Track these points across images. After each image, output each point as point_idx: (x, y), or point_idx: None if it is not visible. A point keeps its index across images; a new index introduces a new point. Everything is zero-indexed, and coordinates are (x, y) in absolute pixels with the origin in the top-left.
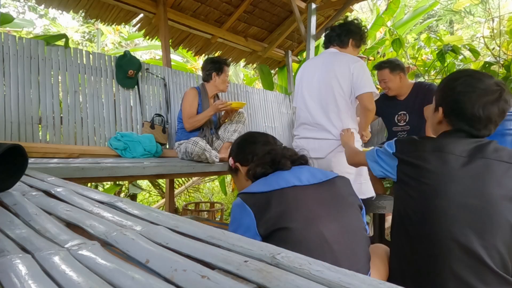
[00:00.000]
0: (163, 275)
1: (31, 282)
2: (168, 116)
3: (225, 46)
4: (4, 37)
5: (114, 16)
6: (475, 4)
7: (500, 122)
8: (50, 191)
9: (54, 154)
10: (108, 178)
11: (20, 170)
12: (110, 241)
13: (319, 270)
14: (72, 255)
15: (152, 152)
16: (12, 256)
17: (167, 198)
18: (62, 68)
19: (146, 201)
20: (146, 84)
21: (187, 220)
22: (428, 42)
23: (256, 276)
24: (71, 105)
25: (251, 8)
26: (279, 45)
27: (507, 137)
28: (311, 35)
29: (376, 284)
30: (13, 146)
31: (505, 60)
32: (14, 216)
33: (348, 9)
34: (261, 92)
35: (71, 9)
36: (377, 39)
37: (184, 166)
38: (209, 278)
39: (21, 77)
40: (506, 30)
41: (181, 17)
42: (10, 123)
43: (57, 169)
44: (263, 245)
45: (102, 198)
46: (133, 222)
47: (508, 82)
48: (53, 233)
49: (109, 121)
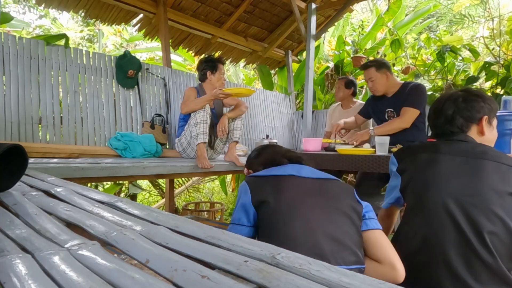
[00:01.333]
0: (163, 275)
1: (31, 282)
2: (168, 116)
3: (225, 46)
4: (4, 37)
5: (114, 16)
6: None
7: None
8: (50, 191)
9: (54, 154)
10: (108, 178)
11: (20, 170)
12: (110, 241)
13: (319, 270)
14: (72, 255)
15: (152, 152)
16: (12, 256)
17: (167, 198)
18: (62, 68)
19: (146, 201)
20: (146, 84)
21: (187, 220)
22: (428, 42)
23: (256, 276)
24: (71, 105)
25: (251, 8)
26: (279, 45)
27: (507, 137)
28: (311, 35)
29: (376, 284)
30: (13, 146)
31: (505, 60)
32: (14, 216)
33: (348, 9)
34: (261, 92)
35: (71, 9)
36: (378, 39)
37: (184, 166)
38: (209, 278)
39: (21, 77)
40: (506, 30)
41: (181, 17)
42: (10, 123)
43: (57, 169)
44: (263, 245)
45: (102, 198)
46: (133, 222)
47: (508, 82)
48: (53, 233)
49: (109, 121)
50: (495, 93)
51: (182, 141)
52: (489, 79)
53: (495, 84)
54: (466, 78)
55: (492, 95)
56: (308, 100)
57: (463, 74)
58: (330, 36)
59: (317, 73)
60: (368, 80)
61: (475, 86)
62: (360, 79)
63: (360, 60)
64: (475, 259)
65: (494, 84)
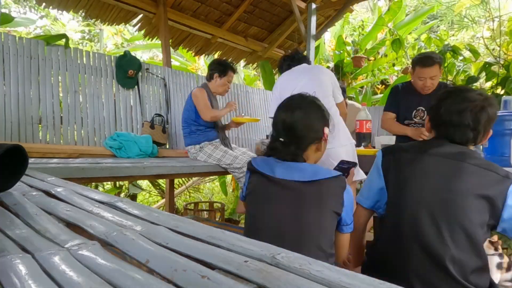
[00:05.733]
0: (163, 275)
1: (31, 282)
2: (168, 116)
3: (225, 46)
4: (4, 37)
5: (114, 16)
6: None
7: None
8: (50, 191)
9: (54, 154)
10: (108, 178)
11: (20, 170)
12: (110, 241)
13: (319, 270)
14: (72, 255)
15: (148, 153)
16: (12, 256)
17: (167, 198)
18: (62, 68)
19: (146, 201)
20: (146, 84)
21: (187, 220)
22: (428, 42)
23: (256, 276)
24: (71, 105)
25: (251, 8)
26: (279, 45)
27: (507, 137)
28: (311, 35)
29: (376, 284)
30: (13, 146)
31: (505, 61)
32: (14, 216)
33: (348, 9)
34: (261, 92)
35: (71, 9)
36: (378, 39)
37: (184, 166)
38: (209, 278)
39: (21, 77)
40: (506, 30)
41: (181, 17)
42: (10, 123)
43: (57, 169)
44: (263, 245)
45: (102, 198)
46: (133, 222)
47: (508, 82)
48: (53, 233)
49: (109, 121)
50: (495, 93)
51: (196, 148)
52: (489, 79)
53: (495, 84)
54: (466, 78)
55: (492, 95)
56: None
57: (463, 74)
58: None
59: None
60: (428, 77)
61: (475, 86)
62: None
63: (360, 60)
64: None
65: (494, 84)
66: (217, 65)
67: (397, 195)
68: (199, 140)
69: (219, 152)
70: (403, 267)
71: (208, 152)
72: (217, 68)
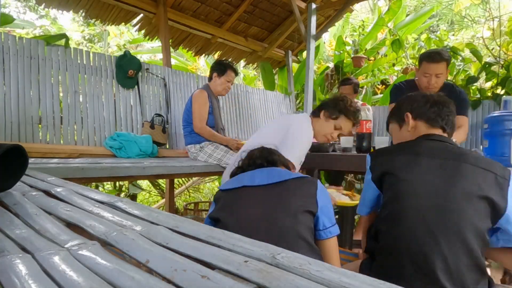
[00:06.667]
0: (163, 275)
1: (31, 282)
2: (168, 116)
3: (225, 46)
4: (4, 37)
5: (114, 16)
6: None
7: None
8: (50, 191)
9: (54, 154)
10: (108, 178)
11: (20, 170)
12: (110, 241)
13: (319, 270)
14: (72, 255)
15: (148, 153)
16: (12, 256)
17: (167, 198)
18: (62, 68)
19: (146, 201)
20: (146, 84)
21: (187, 220)
22: (428, 42)
23: (256, 276)
24: (71, 105)
25: (251, 8)
26: (279, 45)
27: (507, 137)
28: (311, 35)
29: (376, 284)
30: (13, 146)
31: (505, 61)
32: (14, 216)
33: (348, 9)
34: (261, 92)
35: (71, 9)
36: (378, 40)
37: (184, 166)
38: (209, 278)
39: (21, 77)
40: (506, 30)
41: (181, 17)
42: (10, 123)
43: (57, 169)
44: (263, 245)
45: (102, 198)
46: (133, 222)
47: (508, 82)
48: (53, 233)
49: (109, 121)
50: (495, 93)
51: (197, 147)
52: (489, 80)
53: (495, 84)
54: (466, 78)
55: (492, 95)
56: (308, 100)
57: (463, 74)
58: (331, 37)
59: (317, 73)
60: (434, 74)
61: (475, 86)
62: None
63: (360, 60)
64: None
65: (494, 84)
66: (217, 65)
67: (394, 205)
68: (200, 140)
69: (220, 152)
70: (399, 276)
71: (208, 152)
72: (217, 67)
